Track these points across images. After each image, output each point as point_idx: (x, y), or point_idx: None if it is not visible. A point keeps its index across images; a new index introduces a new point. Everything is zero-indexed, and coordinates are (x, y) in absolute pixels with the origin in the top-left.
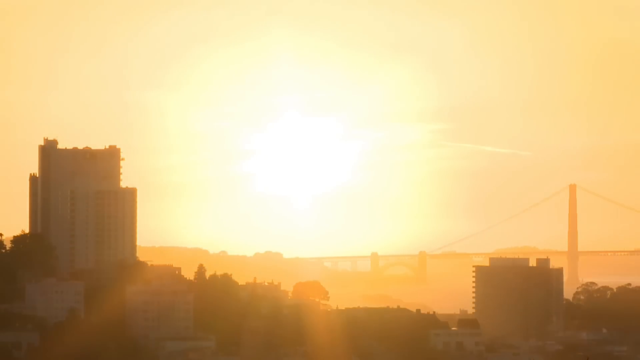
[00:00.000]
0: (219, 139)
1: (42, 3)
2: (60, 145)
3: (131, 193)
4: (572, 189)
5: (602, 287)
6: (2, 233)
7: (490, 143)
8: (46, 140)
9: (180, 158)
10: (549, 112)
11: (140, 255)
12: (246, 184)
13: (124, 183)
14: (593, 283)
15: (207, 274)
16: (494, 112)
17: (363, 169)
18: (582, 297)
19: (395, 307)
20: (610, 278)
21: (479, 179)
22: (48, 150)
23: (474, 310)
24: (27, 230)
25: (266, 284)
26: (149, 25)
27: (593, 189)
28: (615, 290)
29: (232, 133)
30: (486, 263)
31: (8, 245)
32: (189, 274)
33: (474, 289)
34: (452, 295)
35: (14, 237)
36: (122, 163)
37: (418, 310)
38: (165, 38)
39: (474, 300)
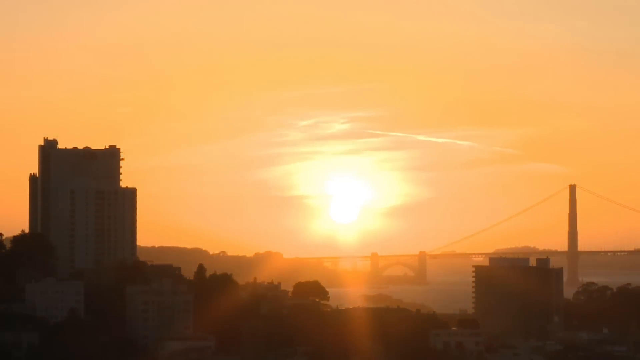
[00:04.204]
0: None
1: (39, 3)
2: (60, 145)
3: (131, 193)
4: (572, 189)
5: (602, 287)
6: (2, 233)
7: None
8: (46, 140)
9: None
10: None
11: (140, 255)
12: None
13: (124, 183)
14: (593, 283)
15: (207, 274)
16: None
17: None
18: (582, 297)
19: (395, 307)
20: (610, 278)
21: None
22: (48, 150)
23: (474, 310)
24: (27, 230)
25: (266, 284)
26: (149, 24)
27: (593, 189)
28: (615, 290)
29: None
30: (486, 263)
31: (8, 245)
32: (189, 274)
33: (474, 289)
34: (452, 295)
35: (14, 237)
36: (122, 163)
37: (418, 310)
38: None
39: (474, 300)
